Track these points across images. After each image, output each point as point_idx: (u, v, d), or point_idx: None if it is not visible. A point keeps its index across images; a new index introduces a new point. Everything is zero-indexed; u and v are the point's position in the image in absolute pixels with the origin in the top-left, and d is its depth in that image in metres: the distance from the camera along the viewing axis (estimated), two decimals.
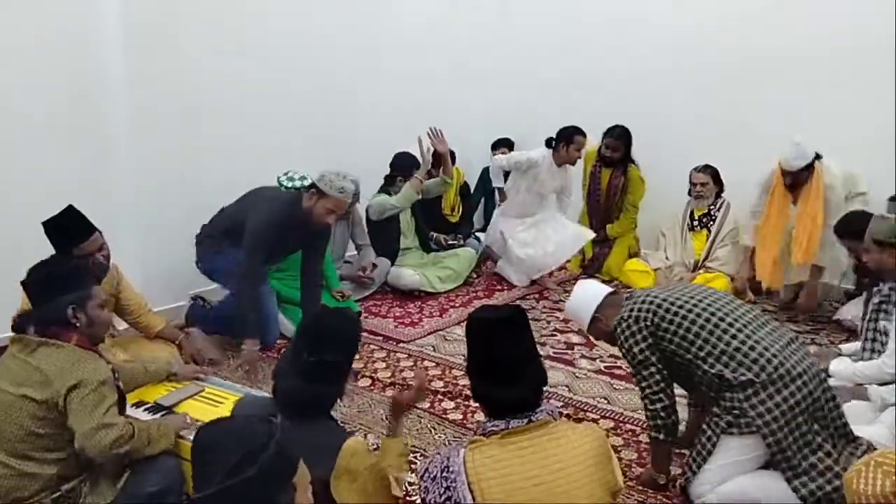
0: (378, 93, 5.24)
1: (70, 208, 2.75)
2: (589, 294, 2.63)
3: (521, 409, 1.72)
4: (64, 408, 2.01)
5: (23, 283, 2.19)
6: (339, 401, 2.09)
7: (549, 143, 4.90)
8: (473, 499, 1.62)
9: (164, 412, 2.52)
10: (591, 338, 3.24)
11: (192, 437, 1.70)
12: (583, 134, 4.81)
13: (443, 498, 1.65)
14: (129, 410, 2.49)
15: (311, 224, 3.55)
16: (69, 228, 2.71)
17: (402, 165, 4.76)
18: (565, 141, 4.80)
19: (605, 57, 5.44)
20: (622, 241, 5.30)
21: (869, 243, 2.79)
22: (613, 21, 5.45)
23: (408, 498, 2.52)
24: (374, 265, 4.69)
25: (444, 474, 1.67)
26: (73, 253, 2.68)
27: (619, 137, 5.07)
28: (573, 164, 4.95)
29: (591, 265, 5.31)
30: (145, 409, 2.54)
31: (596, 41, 5.49)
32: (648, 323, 2.39)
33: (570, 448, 1.69)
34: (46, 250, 2.70)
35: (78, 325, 2.13)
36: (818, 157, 4.06)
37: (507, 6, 6.09)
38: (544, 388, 1.82)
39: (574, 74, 5.66)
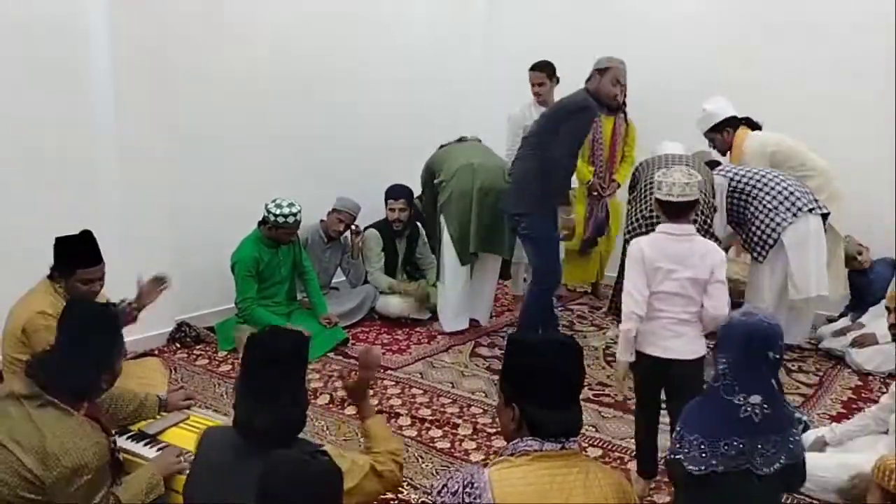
0: (366, 126, 5.26)
1: (86, 233, 2.74)
2: None
3: (567, 434, 1.67)
4: (52, 488, 1.89)
5: (58, 325, 2.03)
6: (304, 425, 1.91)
7: None
8: None
9: (147, 440, 2.47)
10: None
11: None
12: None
13: None
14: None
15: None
16: (81, 251, 2.71)
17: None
18: None
19: None
20: (613, 203, 5.21)
21: None
22: (606, 49, 5.47)
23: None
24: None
25: (468, 490, 1.61)
26: (75, 275, 2.68)
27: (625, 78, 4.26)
28: None
29: (591, 236, 5.18)
30: (129, 438, 2.50)
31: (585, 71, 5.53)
32: None
33: (594, 483, 1.64)
34: (30, 280, 2.72)
35: (105, 388, 2.00)
36: (750, 124, 4.25)
37: (497, 48, 6.16)
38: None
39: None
